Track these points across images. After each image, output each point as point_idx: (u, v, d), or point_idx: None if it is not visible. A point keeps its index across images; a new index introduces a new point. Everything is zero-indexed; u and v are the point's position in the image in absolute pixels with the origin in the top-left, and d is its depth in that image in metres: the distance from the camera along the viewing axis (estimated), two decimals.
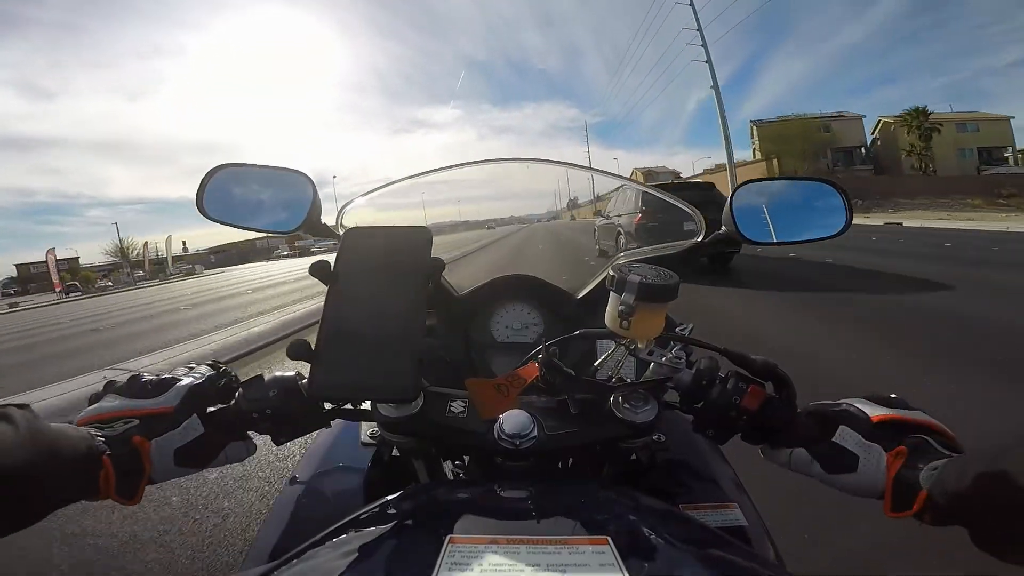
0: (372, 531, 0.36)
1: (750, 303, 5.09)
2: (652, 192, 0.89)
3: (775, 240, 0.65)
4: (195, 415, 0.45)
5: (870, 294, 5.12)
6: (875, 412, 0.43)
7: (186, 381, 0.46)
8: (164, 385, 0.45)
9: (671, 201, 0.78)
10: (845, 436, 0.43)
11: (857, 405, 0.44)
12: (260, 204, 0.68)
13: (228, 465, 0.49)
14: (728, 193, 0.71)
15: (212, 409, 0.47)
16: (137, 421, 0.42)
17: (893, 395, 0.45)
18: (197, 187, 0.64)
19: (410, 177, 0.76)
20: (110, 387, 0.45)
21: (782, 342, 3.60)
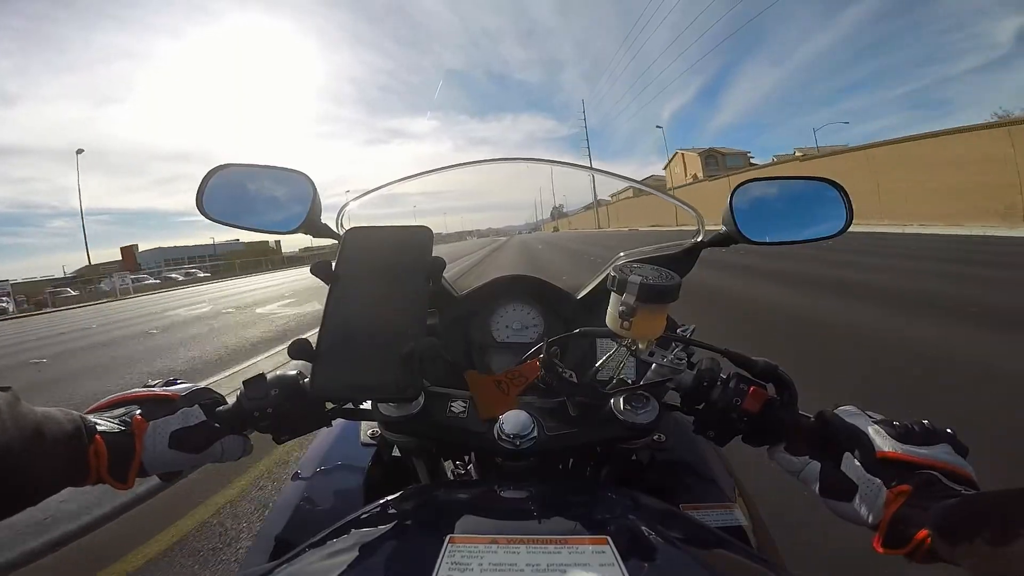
0: (372, 531, 0.36)
1: None
2: (657, 193, 0.88)
3: (775, 240, 0.65)
4: (197, 405, 0.46)
5: None
6: (884, 446, 0.41)
7: (195, 384, 0.49)
8: (172, 383, 0.48)
9: (674, 202, 0.78)
10: (848, 463, 0.42)
11: (870, 431, 0.42)
12: (260, 204, 0.68)
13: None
14: None
15: (217, 408, 0.48)
16: (139, 407, 0.44)
17: (923, 421, 0.42)
18: (197, 187, 0.64)
19: (410, 177, 0.77)
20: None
21: None
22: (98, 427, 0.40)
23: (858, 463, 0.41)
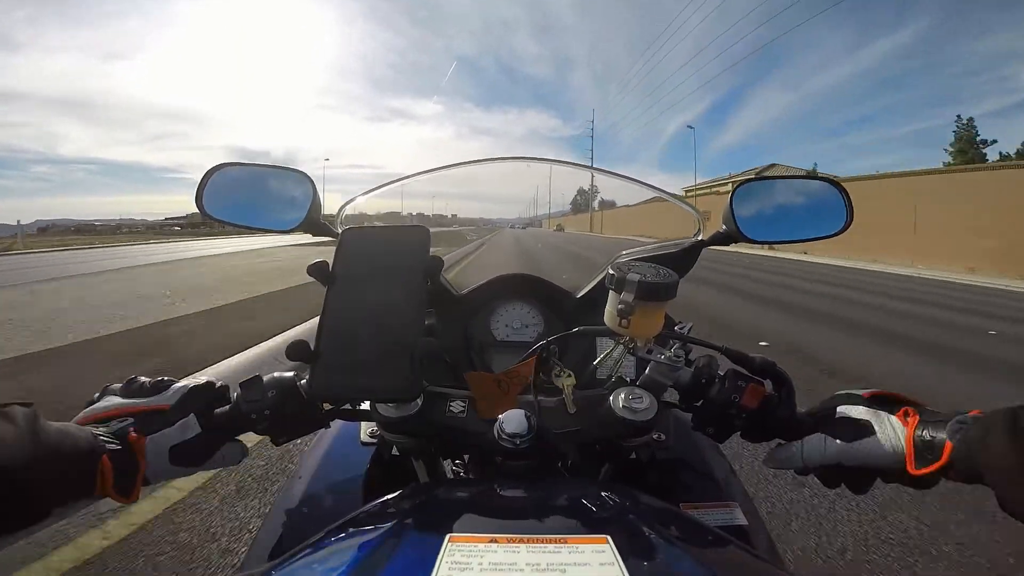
0: (372, 530, 0.35)
1: None
2: (659, 192, 0.88)
3: (775, 239, 0.65)
4: (192, 415, 0.45)
5: None
6: (865, 391, 0.45)
7: (184, 382, 0.47)
8: (161, 385, 0.46)
9: (674, 201, 0.78)
10: (848, 411, 0.44)
11: (845, 391, 0.46)
12: (260, 203, 0.68)
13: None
14: None
15: (210, 411, 0.47)
16: (133, 419, 0.42)
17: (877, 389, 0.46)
18: (196, 185, 0.64)
19: (410, 176, 0.77)
20: (106, 390, 0.45)
21: None
22: (105, 444, 0.40)
23: (857, 406, 0.44)
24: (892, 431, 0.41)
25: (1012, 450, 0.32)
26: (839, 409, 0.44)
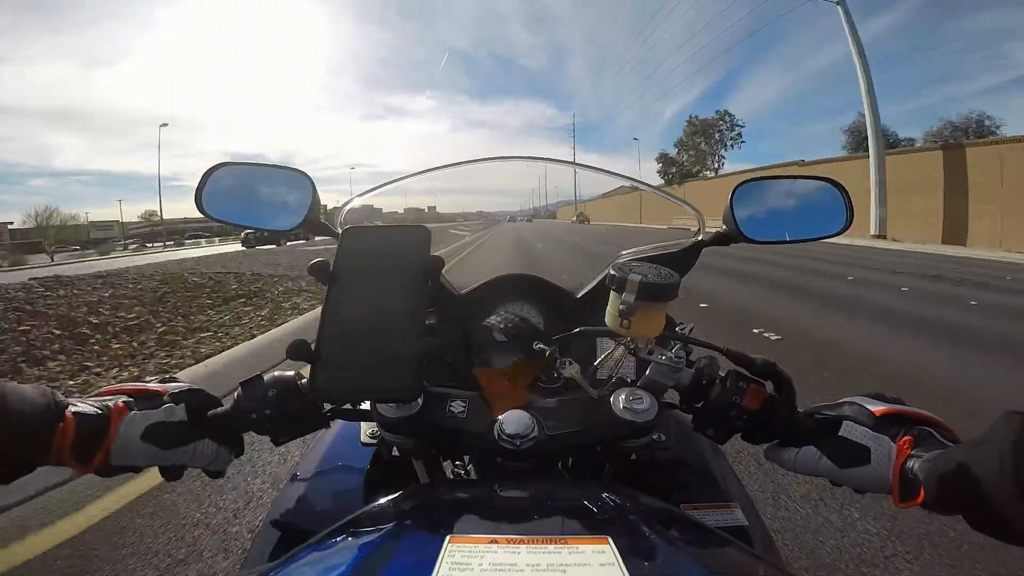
0: (372, 531, 0.35)
1: None
2: (655, 191, 0.88)
3: (775, 239, 0.65)
4: (183, 405, 0.45)
5: None
6: (876, 407, 0.43)
7: (187, 385, 0.48)
8: (169, 381, 0.48)
9: (673, 201, 0.78)
10: (851, 430, 0.43)
11: (857, 402, 0.44)
12: (260, 202, 0.68)
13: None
14: None
15: (211, 412, 0.47)
16: (127, 397, 0.44)
17: (891, 395, 0.45)
18: (196, 185, 0.64)
19: (409, 176, 0.76)
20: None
21: None
22: (72, 407, 0.39)
23: (860, 427, 0.42)
24: (887, 461, 0.40)
25: (970, 480, 0.33)
26: (843, 425, 0.43)
